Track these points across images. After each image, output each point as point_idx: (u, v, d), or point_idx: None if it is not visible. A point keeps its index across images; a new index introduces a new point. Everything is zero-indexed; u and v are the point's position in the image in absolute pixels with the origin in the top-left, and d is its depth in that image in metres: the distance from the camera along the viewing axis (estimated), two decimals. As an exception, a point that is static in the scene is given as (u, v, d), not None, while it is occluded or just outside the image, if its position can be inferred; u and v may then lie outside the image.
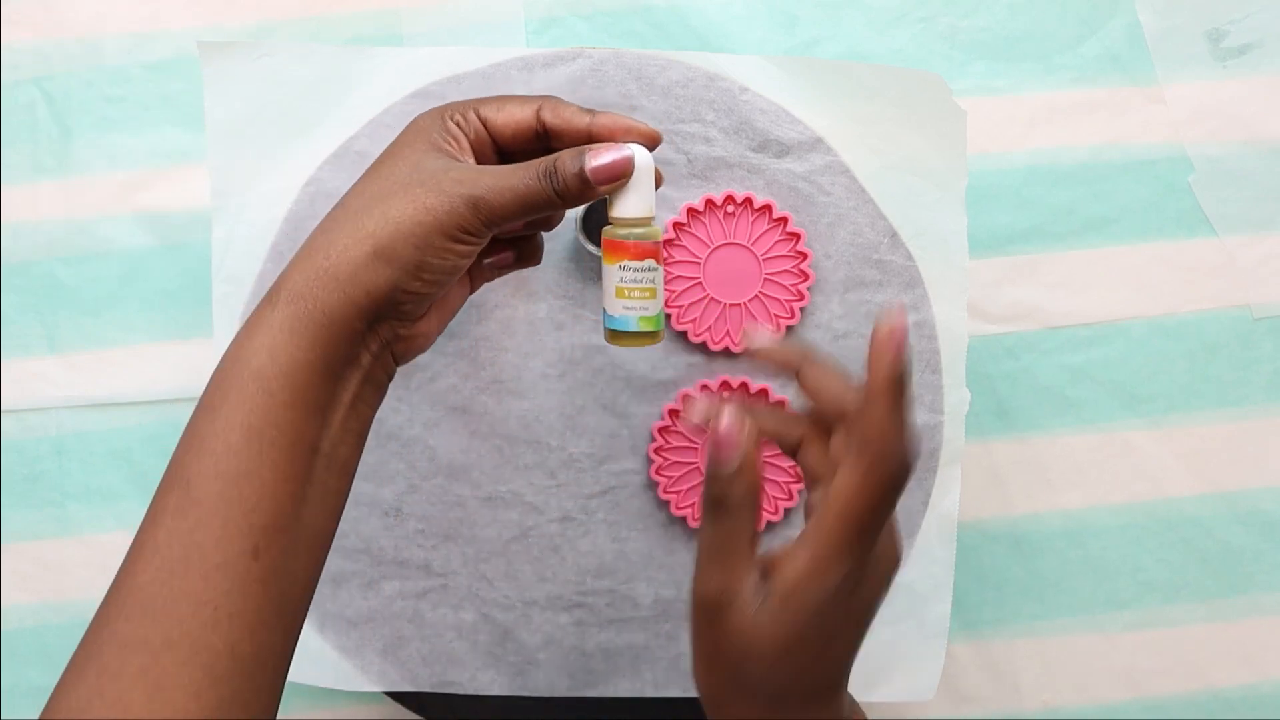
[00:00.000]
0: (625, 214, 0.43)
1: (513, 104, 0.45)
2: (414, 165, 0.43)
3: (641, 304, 0.44)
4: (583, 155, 0.43)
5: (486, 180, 0.42)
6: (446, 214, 0.41)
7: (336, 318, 0.41)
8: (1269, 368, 0.69)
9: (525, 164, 0.43)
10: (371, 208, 0.42)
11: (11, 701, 0.68)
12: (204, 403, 0.42)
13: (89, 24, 0.68)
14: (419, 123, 0.45)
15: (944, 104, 0.61)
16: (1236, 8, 0.69)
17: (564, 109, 0.45)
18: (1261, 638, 0.68)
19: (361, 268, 0.41)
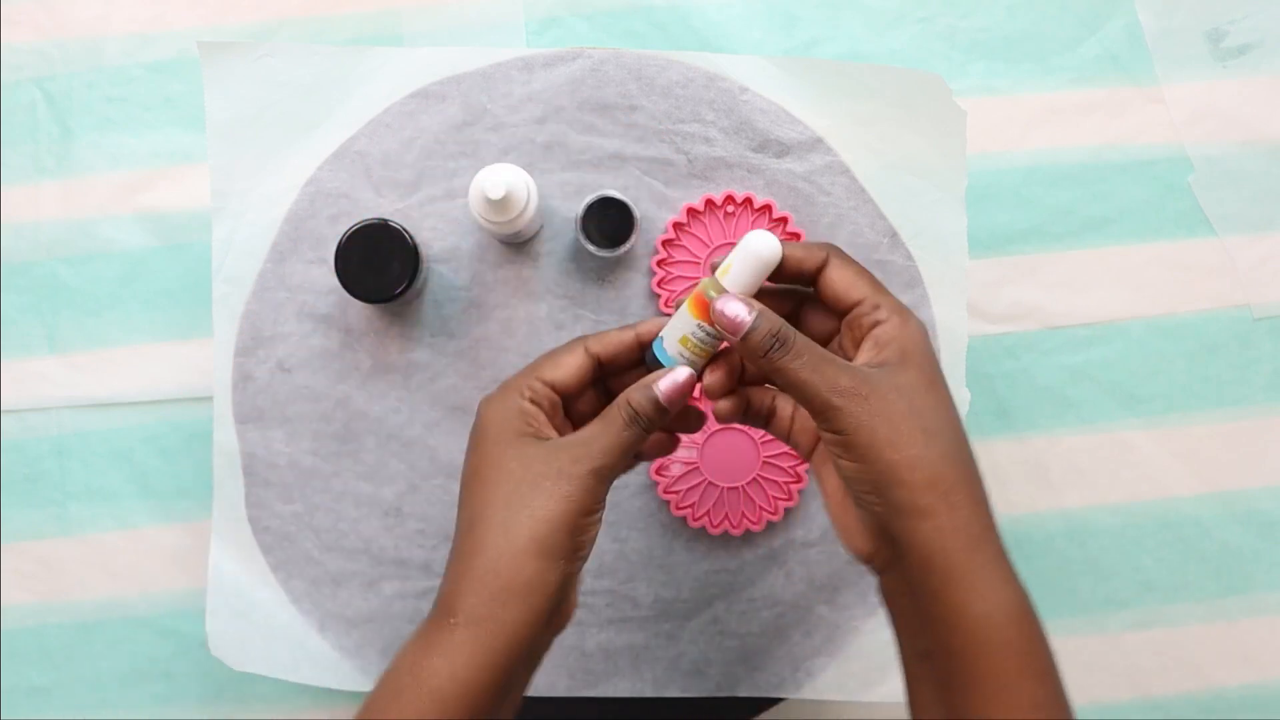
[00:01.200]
0: (729, 285, 0.44)
1: (563, 355, 0.47)
2: (523, 460, 0.44)
3: (694, 359, 0.46)
4: (650, 389, 0.45)
5: (595, 449, 0.44)
6: (582, 494, 0.43)
7: (523, 634, 0.42)
8: (1268, 368, 0.69)
9: (606, 418, 0.45)
10: (514, 512, 0.43)
11: (11, 701, 0.68)
12: (376, 708, 0.43)
13: (90, 24, 0.68)
14: (493, 415, 0.46)
15: (944, 104, 0.61)
16: (1236, 8, 0.69)
17: (606, 338, 0.47)
18: (1261, 637, 0.68)
19: (535, 575, 0.42)
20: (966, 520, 0.41)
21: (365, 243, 0.57)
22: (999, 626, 0.40)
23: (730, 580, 0.63)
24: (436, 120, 0.62)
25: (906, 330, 0.43)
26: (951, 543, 0.40)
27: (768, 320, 0.43)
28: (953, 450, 0.41)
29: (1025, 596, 0.42)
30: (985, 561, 0.41)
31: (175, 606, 0.68)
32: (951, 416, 0.42)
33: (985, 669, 0.40)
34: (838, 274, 0.44)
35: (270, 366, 0.62)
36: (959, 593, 0.40)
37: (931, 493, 0.40)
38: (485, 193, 0.54)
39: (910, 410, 0.41)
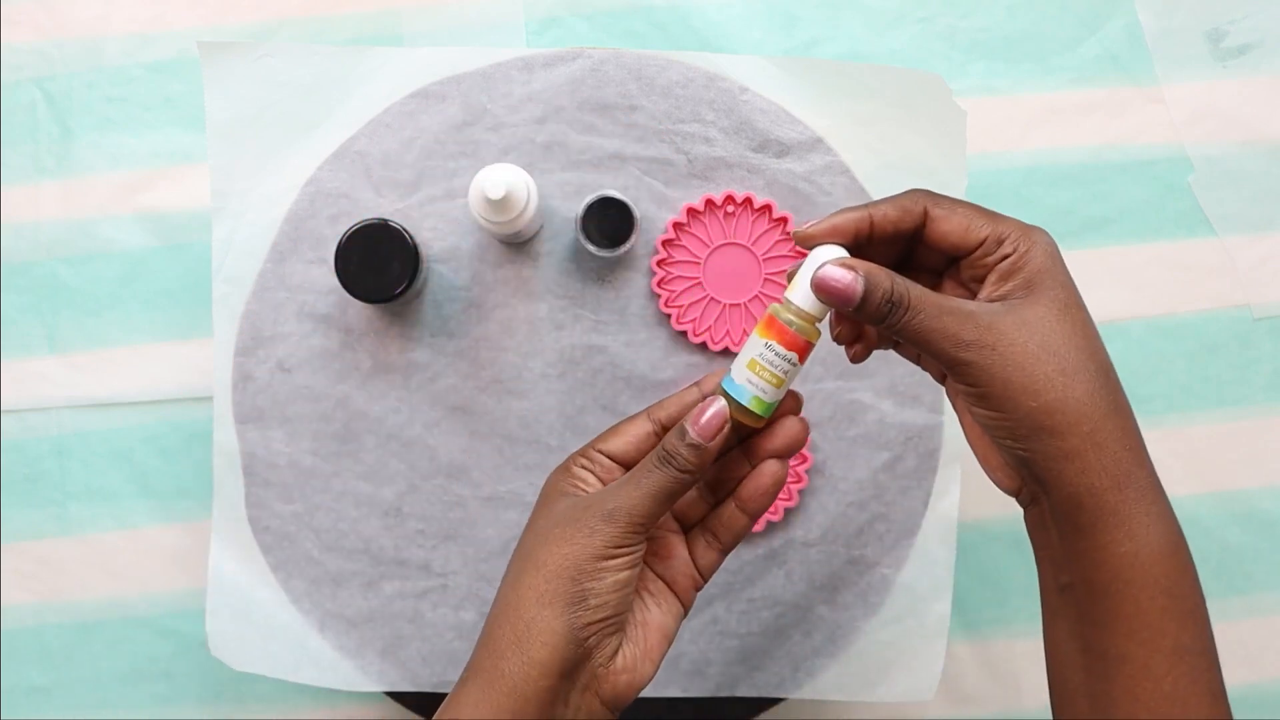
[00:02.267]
0: (797, 301, 0.42)
1: (625, 424, 0.46)
2: (551, 516, 0.44)
3: (764, 386, 0.43)
4: (684, 427, 0.43)
5: (615, 492, 0.43)
6: (587, 537, 0.42)
7: (522, 685, 0.41)
8: (1268, 368, 0.69)
9: (641, 463, 0.43)
10: (523, 563, 0.43)
11: (11, 701, 0.68)
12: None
13: (90, 25, 0.68)
14: (547, 485, 0.46)
15: (944, 104, 0.61)
16: (1236, 8, 0.69)
17: (670, 401, 0.46)
18: (1261, 637, 0.68)
19: (533, 622, 0.41)
20: (1114, 456, 0.39)
21: (365, 243, 0.57)
22: (1145, 565, 0.39)
23: (730, 580, 0.63)
24: (436, 120, 0.62)
25: (1032, 256, 0.40)
26: (1099, 481, 0.39)
27: (876, 282, 0.40)
28: (1095, 384, 0.39)
29: (1176, 534, 0.40)
30: (1136, 498, 0.39)
31: (175, 606, 0.68)
32: (1089, 344, 0.40)
33: (1128, 608, 0.39)
34: (947, 225, 0.42)
35: (270, 366, 0.62)
36: (1106, 531, 0.39)
37: (1075, 435, 0.39)
38: (485, 193, 0.54)
39: (1043, 350, 0.39)
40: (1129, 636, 0.39)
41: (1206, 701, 0.39)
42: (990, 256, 0.41)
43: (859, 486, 0.63)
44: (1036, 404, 0.39)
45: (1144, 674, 0.39)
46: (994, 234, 0.41)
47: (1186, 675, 0.39)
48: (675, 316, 0.62)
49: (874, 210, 0.42)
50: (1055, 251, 0.41)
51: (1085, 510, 0.39)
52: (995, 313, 0.40)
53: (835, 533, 0.63)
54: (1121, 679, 0.39)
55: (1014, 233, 0.41)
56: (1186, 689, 0.39)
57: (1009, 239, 0.41)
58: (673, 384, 0.63)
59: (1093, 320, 0.41)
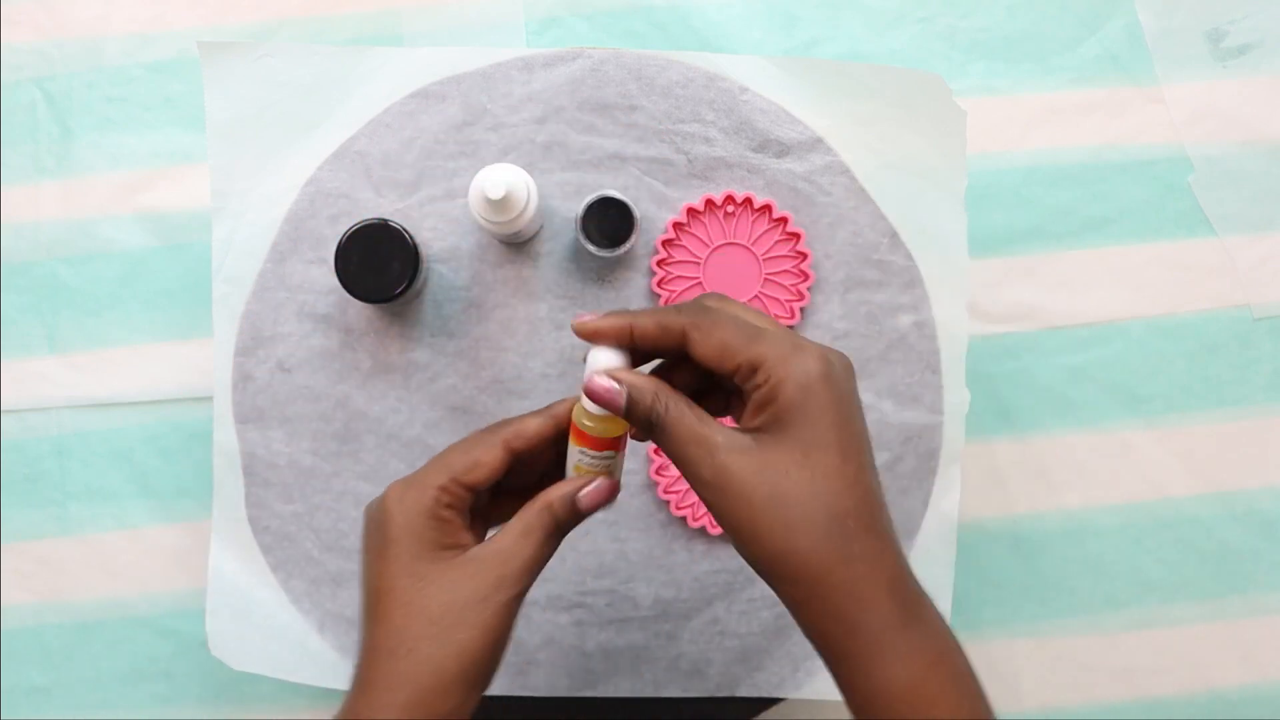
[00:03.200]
0: (588, 407, 0.42)
1: (480, 453, 0.43)
2: (445, 585, 0.42)
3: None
4: (571, 500, 0.43)
5: (516, 568, 0.42)
6: (506, 619, 0.42)
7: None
8: (1268, 368, 0.69)
9: (526, 530, 0.43)
10: (441, 646, 0.41)
11: (11, 701, 0.68)
12: None
13: (90, 25, 0.68)
14: (404, 521, 0.43)
15: (944, 104, 0.61)
16: (1236, 8, 0.69)
17: (525, 430, 0.44)
18: (1261, 637, 0.68)
19: (461, 703, 0.41)
20: (840, 607, 0.38)
21: (365, 243, 0.57)
22: (884, 705, 0.39)
23: (730, 580, 0.63)
24: (436, 120, 0.62)
25: (784, 389, 0.38)
26: (829, 628, 0.39)
27: (637, 397, 0.40)
28: (819, 537, 0.38)
29: (926, 670, 0.39)
30: (866, 644, 0.38)
31: (175, 606, 0.68)
32: (828, 493, 0.38)
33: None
34: (703, 349, 0.40)
35: (270, 366, 0.62)
36: (842, 671, 0.39)
37: (799, 586, 0.39)
38: (485, 193, 0.54)
39: (771, 500, 0.38)
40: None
41: None
42: (747, 383, 0.40)
43: (859, 486, 0.63)
44: (761, 553, 0.39)
45: None
46: (747, 362, 0.39)
47: None
48: (675, 316, 0.62)
49: (635, 321, 0.41)
50: (814, 380, 0.39)
51: (823, 651, 0.40)
52: (739, 450, 0.39)
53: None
54: None
55: (771, 360, 0.39)
56: None
57: (764, 367, 0.39)
58: (673, 384, 0.63)
59: (849, 458, 0.39)
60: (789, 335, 0.40)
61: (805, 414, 0.38)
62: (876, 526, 0.39)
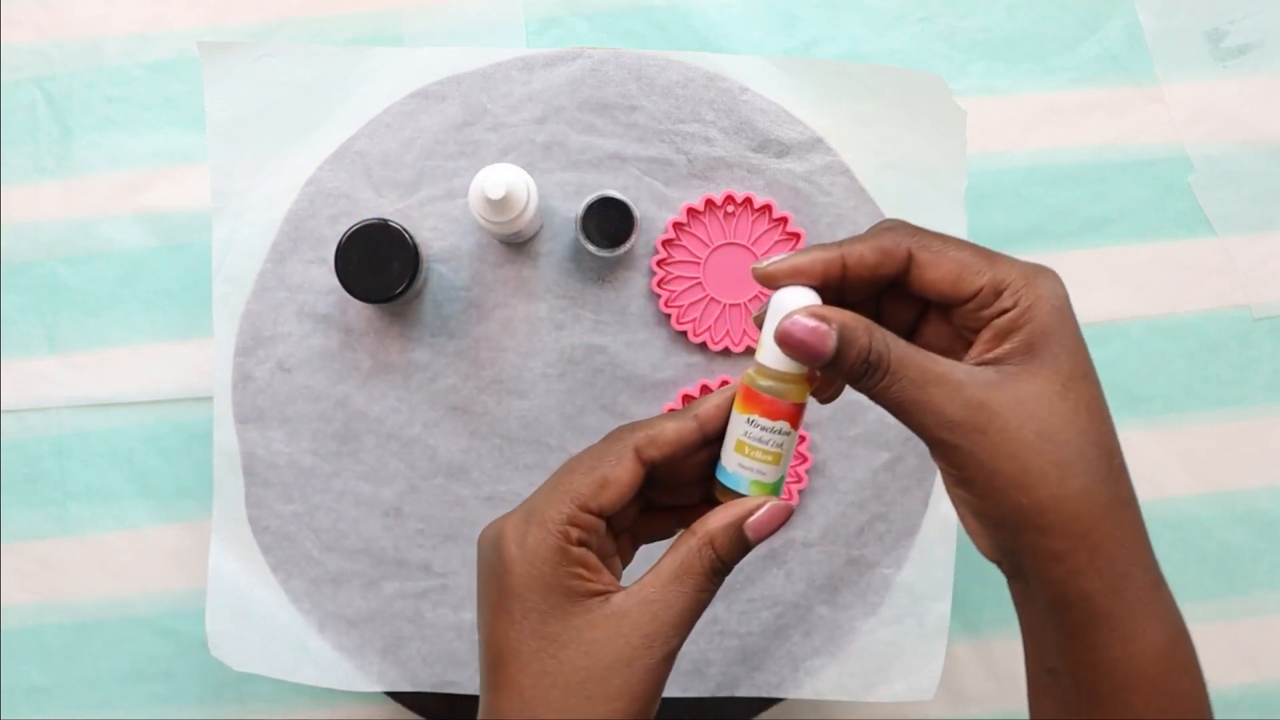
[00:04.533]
0: (770, 362, 0.35)
1: (610, 470, 0.37)
2: (585, 645, 0.35)
3: (761, 468, 0.37)
4: (739, 531, 0.37)
5: (670, 622, 0.36)
6: (658, 682, 0.36)
7: None
8: (1268, 368, 0.69)
9: (680, 571, 0.36)
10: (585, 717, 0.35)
11: (11, 701, 0.68)
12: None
13: (90, 24, 0.68)
14: (528, 563, 0.36)
15: (944, 104, 0.61)
16: (1236, 8, 0.69)
17: (662, 435, 0.37)
18: (1261, 637, 0.68)
19: None
20: (1110, 558, 0.34)
21: (365, 243, 0.57)
22: (1140, 669, 0.35)
23: (730, 580, 0.63)
24: (436, 120, 0.62)
25: (1035, 312, 0.34)
26: (1092, 585, 0.34)
27: (852, 337, 0.34)
28: (1094, 477, 0.34)
29: (1177, 631, 0.36)
30: (1133, 600, 0.34)
31: (175, 606, 0.68)
32: (1093, 427, 0.34)
33: (1121, 711, 0.35)
34: (935, 271, 0.35)
35: (270, 366, 0.62)
36: (1097, 634, 0.35)
37: (1068, 535, 0.34)
38: (485, 193, 0.54)
39: (1039, 438, 0.33)
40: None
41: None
42: (986, 310, 0.35)
43: (859, 486, 0.63)
44: (1027, 500, 0.34)
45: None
46: (991, 283, 0.35)
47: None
48: (675, 316, 0.62)
49: (847, 251, 0.36)
50: (1064, 303, 0.35)
51: (1075, 611, 0.35)
52: (988, 385, 0.34)
53: (835, 533, 0.63)
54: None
55: (1016, 280, 0.35)
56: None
57: (1009, 289, 0.35)
58: (673, 384, 0.63)
59: (1100, 389, 0.35)
60: (1016, 258, 0.36)
61: (1061, 340, 0.34)
62: (1127, 468, 0.35)
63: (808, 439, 0.62)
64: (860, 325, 0.35)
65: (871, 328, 0.35)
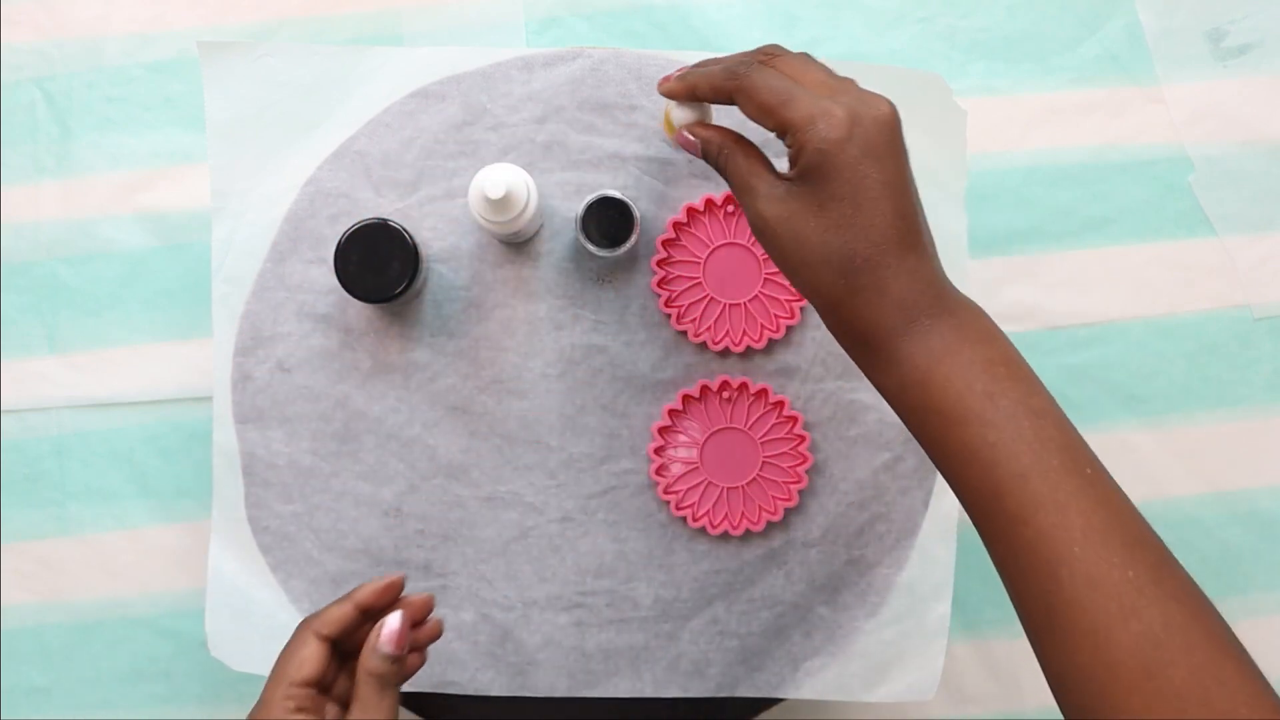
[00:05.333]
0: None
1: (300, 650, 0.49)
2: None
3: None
4: (377, 651, 0.47)
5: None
6: None
7: None
8: (1268, 368, 0.69)
9: (362, 700, 0.48)
10: None
11: (11, 701, 0.68)
12: None
13: (90, 25, 0.68)
14: None
15: (944, 104, 0.61)
16: (1236, 8, 0.69)
17: (328, 617, 0.49)
18: (1261, 637, 0.68)
19: None
20: (850, 322, 0.45)
21: (365, 242, 0.57)
22: (896, 399, 0.45)
23: (730, 580, 0.63)
24: (436, 120, 0.62)
25: (805, 152, 0.43)
26: (846, 343, 0.46)
27: (707, 149, 0.49)
28: (834, 274, 0.44)
29: (930, 362, 0.43)
30: (874, 351, 0.45)
31: (175, 606, 0.68)
32: (837, 239, 0.44)
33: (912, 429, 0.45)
34: (745, 111, 0.46)
35: (270, 366, 0.62)
36: (869, 376, 0.46)
37: (821, 312, 0.46)
38: (485, 192, 0.54)
39: (793, 241, 0.45)
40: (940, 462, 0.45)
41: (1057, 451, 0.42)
42: (784, 140, 0.45)
43: (859, 486, 0.63)
44: (794, 284, 0.46)
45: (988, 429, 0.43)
46: (777, 125, 0.44)
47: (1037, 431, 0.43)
48: (675, 316, 0.62)
49: (697, 84, 0.48)
50: (835, 145, 0.43)
51: (853, 357, 0.47)
52: (772, 198, 0.45)
53: (835, 533, 0.63)
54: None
55: (794, 124, 0.44)
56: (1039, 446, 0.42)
57: (790, 131, 0.44)
58: (672, 384, 0.62)
59: (864, 201, 0.43)
60: (820, 95, 0.44)
61: (823, 172, 0.43)
62: (888, 259, 0.44)
63: (808, 439, 0.62)
64: (714, 139, 0.48)
65: (723, 142, 0.48)
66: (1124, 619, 0.38)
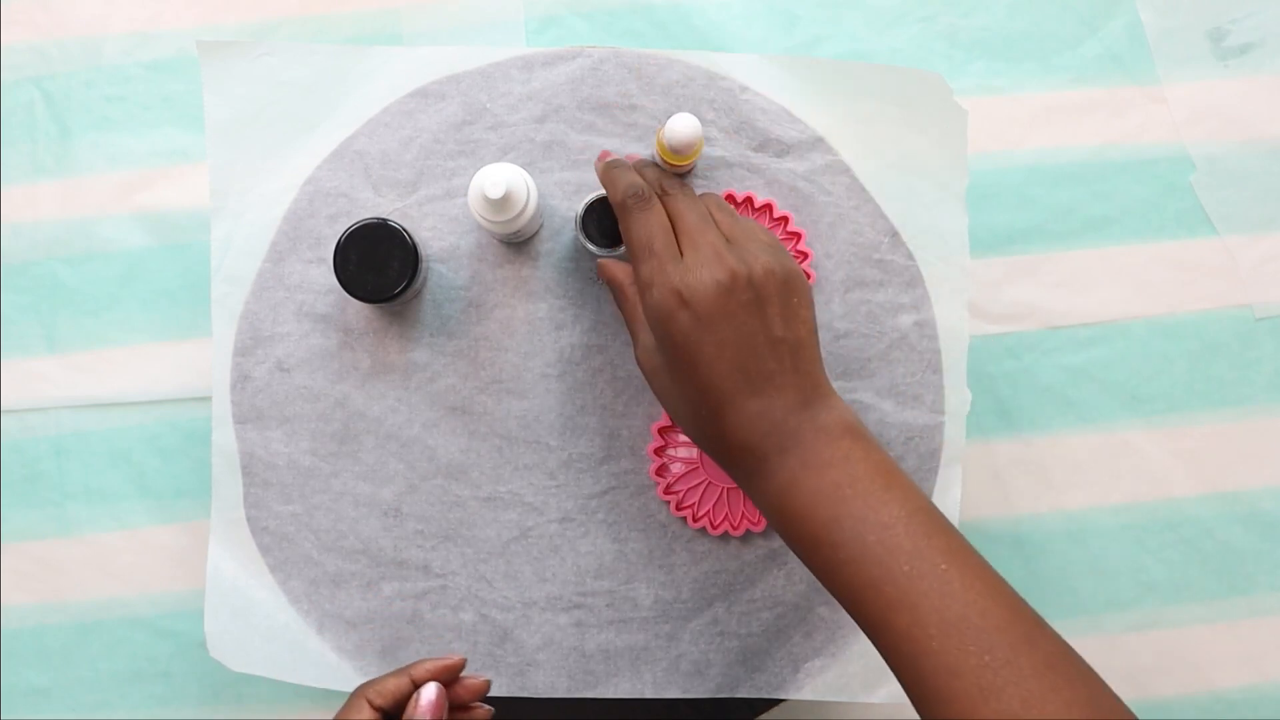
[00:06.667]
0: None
1: (353, 712, 0.50)
2: None
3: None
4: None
5: None
6: None
7: None
8: (1269, 368, 0.68)
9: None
10: None
11: (11, 701, 0.67)
12: None
13: (89, 24, 0.68)
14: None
15: (944, 103, 0.61)
16: (1237, 7, 0.69)
17: (384, 688, 0.50)
18: (1262, 638, 0.68)
19: None
20: (715, 459, 0.51)
21: (364, 242, 0.57)
22: (769, 506, 0.50)
23: (730, 581, 0.63)
24: (436, 119, 0.62)
25: (650, 313, 0.50)
26: (724, 470, 0.53)
27: (610, 282, 0.56)
28: (686, 420, 0.51)
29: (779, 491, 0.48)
30: (740, 481, 0.51)
31: (174, 607, 0.68)
32: (682, 392, 0.50)
33: (791, 548, 0.50)
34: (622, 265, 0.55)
35: (269, 366, 0.62)
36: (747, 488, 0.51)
37: (698, 447, 0.54)
38: (485, 192, 0.54)
39: (662, 392, 0.52)
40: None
41: (940, 547, 0.45)
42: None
43: (859, 487, 0.63)
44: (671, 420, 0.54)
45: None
46: (634, 271, 0.52)
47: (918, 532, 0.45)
48: (675, 316, 0.62)
49: (611, 179, 0.54)
50: (664, 321, 0.49)
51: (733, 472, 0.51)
52: (648, 349, 0.52)
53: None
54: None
55: (640, 283, 0.51)
56: (921, 543, 0.44)
57: (639, 286, 0.51)
58: (673, 384, 0.62)
59: (702, 365, 0.49)
60: (666, 260, 0.50)
61: (662, 337, 0.50)
62: (726, 411, 0.49)
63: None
64: (615, 281, 0.55)
65: (619, 286, 0.55)
66: (984, 700, 0.41)
